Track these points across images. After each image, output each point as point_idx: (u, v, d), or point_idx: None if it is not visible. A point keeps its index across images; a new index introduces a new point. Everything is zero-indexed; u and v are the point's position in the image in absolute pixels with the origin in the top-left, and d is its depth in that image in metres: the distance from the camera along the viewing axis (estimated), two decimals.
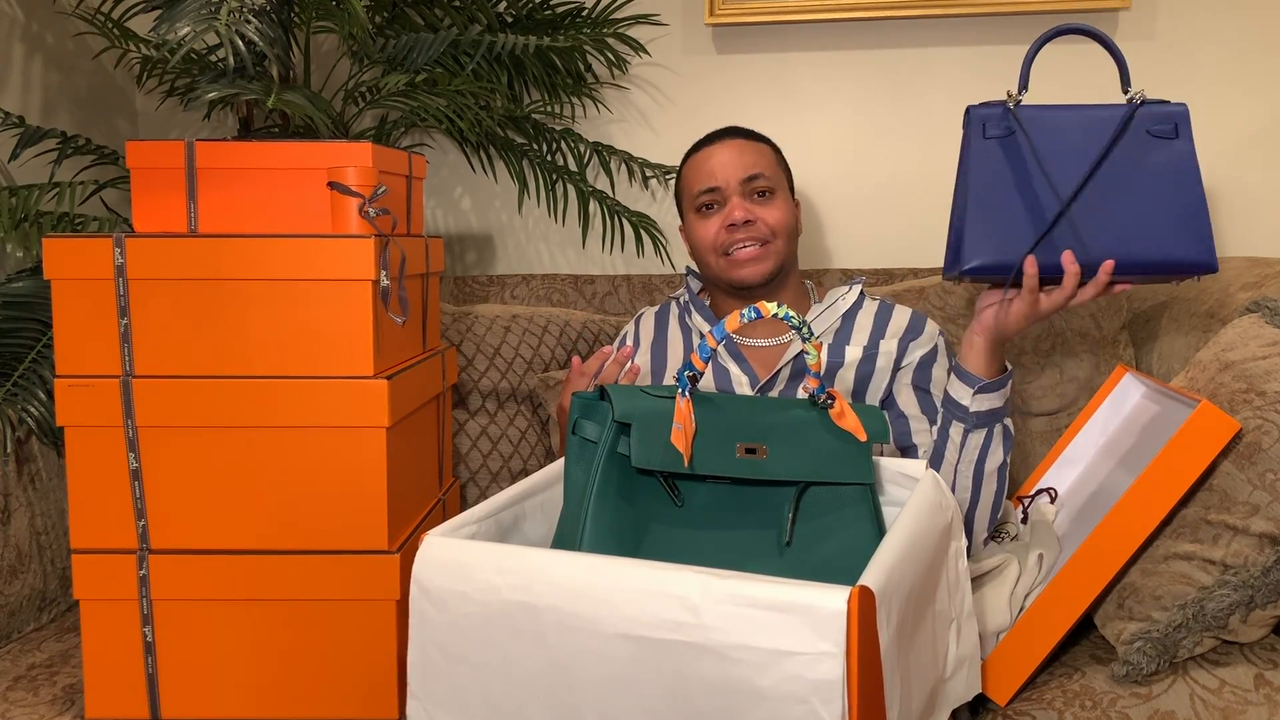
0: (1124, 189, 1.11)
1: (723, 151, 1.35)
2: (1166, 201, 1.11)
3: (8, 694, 1.23)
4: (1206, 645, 1.06)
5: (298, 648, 1.16)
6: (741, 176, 1.33)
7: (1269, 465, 1.02)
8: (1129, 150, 1.13)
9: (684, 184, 1.40)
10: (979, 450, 1.19)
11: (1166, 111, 1.14)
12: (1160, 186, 1.12)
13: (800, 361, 1.31)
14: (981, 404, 1.17)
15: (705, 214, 1.35)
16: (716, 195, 1.34)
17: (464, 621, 0.80)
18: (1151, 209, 1.11)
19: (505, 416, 1.66)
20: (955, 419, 1.20)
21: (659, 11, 1.89)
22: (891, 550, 0.77)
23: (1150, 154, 1.13)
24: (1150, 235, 1.10)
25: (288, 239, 1.11)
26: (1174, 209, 1.11)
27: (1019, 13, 1.76)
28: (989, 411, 1.18)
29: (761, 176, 1.33)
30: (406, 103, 1.60)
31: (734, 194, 1.33)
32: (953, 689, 0.92)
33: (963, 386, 1.18)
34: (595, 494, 0.88)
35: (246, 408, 1.12)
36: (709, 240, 1.34)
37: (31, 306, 1.45)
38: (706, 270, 1.38)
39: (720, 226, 1.33)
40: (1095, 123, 1.13)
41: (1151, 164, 1.12)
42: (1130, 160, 1.12)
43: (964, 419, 1.19)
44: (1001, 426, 1.20)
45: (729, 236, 1.32)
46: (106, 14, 1.67)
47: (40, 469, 1.46)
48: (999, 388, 1.18)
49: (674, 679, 0.72)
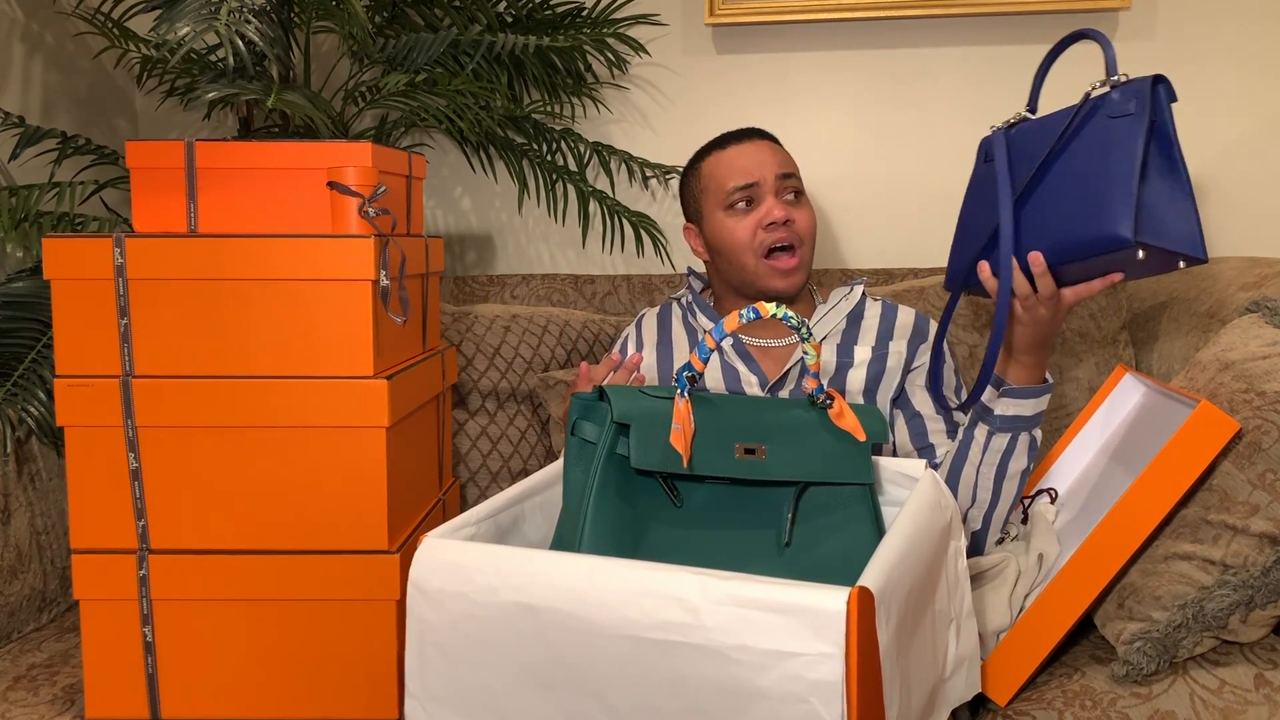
0: (1074, 180, 1.06)
1: (756, 149, 1.33)
2: (1093, 180, 1.04)
3: (8, 694, 1.23)
4: (1206, 645, 1.06)
5: (298, 648, 1.16)
6: (778, 173, 1.31)
7: (1269, 465, 1.02)
8: (1088, 142, 1.07)
9: (709, 181, 1.35)
10: (1001, 454, 1.19)
11: (1132, 88, 1.05)
12: (1094, 167, 1.05)
13: None
14: (1007, 408, 1.17)
15: (739, 212, 1.31)
16: (753, 191, 1.31)
17: (462, 623, 0.80)
18: (1079, 191, 1.05)
19: (505, 416, 1.66)
20: (981, 420, 1.19)
21: (659, 11, 1.89)
22: (890, 550, 0.77)
23: (1104, 138, 1.05)
24: (1070, 217, 1.05)
25: (288, 239, 1.11)
26: (1098, 185, 1.03)
27: (1019, 13, 1.76)
28: (1014, 417, 1.17)
29: (795, 176, 1.33)
30: (406, 103, 1.60)
31: (770, 192, 1.30)
32: (953, 689, 0.92)
33: (991, 389, 1.18)
34: (594, 495, 0.88)
35: (246, 408, 1.12)
36: (744, 239, 1.30)
37: (31, 306, 1.45)
38: (739, 271, 1.33)
39: (758, 225, 1.29)
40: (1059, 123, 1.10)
41: (1099, 147, 1.05)
42: (1087, 151, 1.06)
43: (989, 421, 1.18)
44: (1029, 437, 1.19)
45: (769, 235, 1.29)
46: (106, 14, 1.67)
47: (40, 469, 1.46)
48: (1028, 396, 1.16)
49: (673, 679, 0.72)
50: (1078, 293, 1.10)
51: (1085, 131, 1.08)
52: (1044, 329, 1.13)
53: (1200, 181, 1.80)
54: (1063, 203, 1.07)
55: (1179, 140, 1.05)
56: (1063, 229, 1.06)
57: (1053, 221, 1.07)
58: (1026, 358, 1.16)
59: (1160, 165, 1.05)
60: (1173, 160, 1.05)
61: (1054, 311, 1.11)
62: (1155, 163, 1.04)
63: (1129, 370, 1.31)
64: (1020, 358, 1.16)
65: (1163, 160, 1.05)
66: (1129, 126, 1.04)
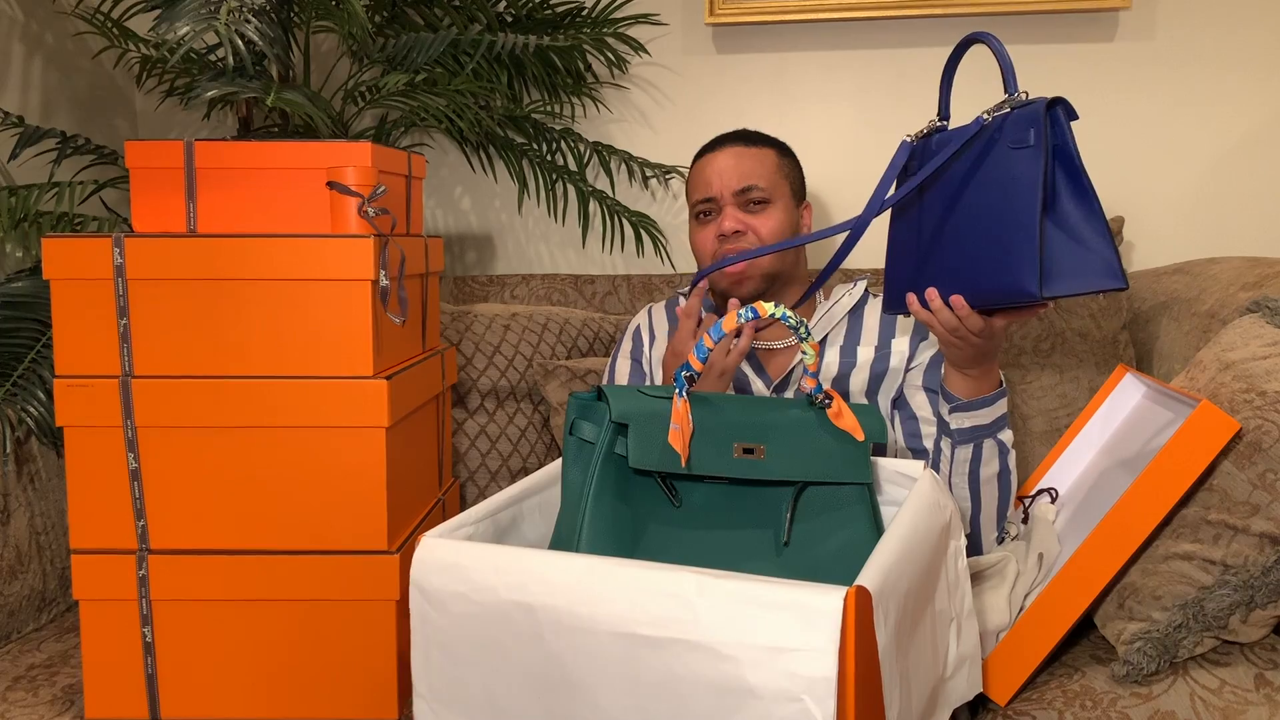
0: (982, 217, 1.04)
1: (721, 160, 1.34)
2: (997, 224, 1.02)
3: (8, 694, 1.23)
4: (1207, 645, 1.06)
5: (298, 648, 1.16)
6: (736, 187, 1.32)
7: (1269, 465, 1.02)
8: (992, 172, 1.04)
9: (688, 187, 1.40)
10: (969, 464, 1.19)
11: (1029, 115, 1.01)
12: (997, 207, 1.03)
13: None
14: (961, 421, 1.17)
15: (702, 221, 1.36)
16: (711, 205, 1.34)
17: (463, 622, 0.80)
18: (986, 234, 1.03)
19: (505, 415, 1.66)
20: (943, 433, 1.21)
21: (659, 11, 1.89)
22: (889, 550, 0.77)
23: (1006, 172, 1.03)
24: (980, 262, 1.04)
25: (287, 239, 1.11)
26: (1003, 231, 1.02)
27: (1019, 13, 1.76)
28: (971, 429, 1.18)
29: (756, 188, 1.32)
30: (406, 102, 1.60)
31: (728, 204, 1.33)
32: (953, 688, 0.92)
33: (943, 402, 1.19)
34: (593, 494, 0.88)
35: (246, 408, 1.12)
36: (705, 248, 1.36)
37: (31, 306, 1.45)
38: None
39: (715, 234, 1.33)
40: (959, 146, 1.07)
41: (1002, 182, 1.03)
42: (990, 184, 1.04)
43: (949, 434, 1.19)
44: (994, 442, 1.18)
45: (719, 246, 1.33)
46: (106, 14, 1.67)
47: (40, 469, 1.46)
48: (980, 407, 1.16)
49: (670, 676, 0.72)
50: (1008, 319, 1.09)
51: (989, 161, 1.05)
52: (982, 349, 1.11)
53: (1200, 181, 1.80)
54: (972, 245, 1.05)
55: (1083, 161, 1.02)
56: (975, 275, 1.05)
57: (965, 265, 1.06)
58: (971, 370, 1.16)
59: (1069, 191, 1.02)
60: (1080, 185, 1.02)
61: (988, 337, 1.10)
62: (1063, 190, 1.02)
63: (1129, 370, 1.30)
64: (965, 371, 1.16)
65: (1070, 185, 1.02)
66: (1028, 161, 1.01)
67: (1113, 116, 1.79)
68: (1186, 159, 1.80)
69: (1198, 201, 1.80)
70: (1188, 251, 1.78)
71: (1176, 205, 1.81)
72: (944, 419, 1.19)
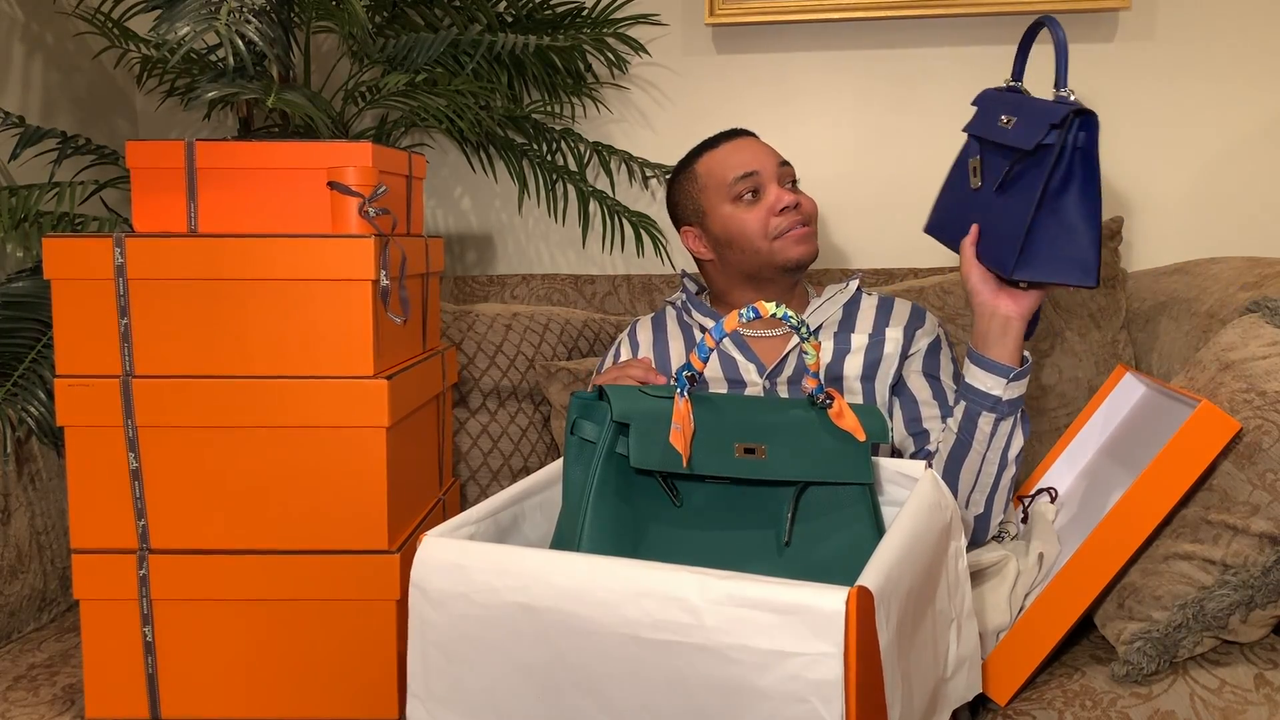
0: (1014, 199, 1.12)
1: (749, 144, 1.37)
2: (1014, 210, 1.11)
3: (8, 694, 1.23)
4: (1206, 645, 1.06)
5: (298, 648, 1.16)
6: (778, 162, 1.35)
7: (1269, 465, 1.02)
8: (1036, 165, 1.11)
9: (708, 179, 1.36)
10: (1007, 438, 1.19)
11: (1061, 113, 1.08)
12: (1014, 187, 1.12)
13: None
14: (1014, 391, 1.18)
15: (746, 203, 1.33)
16: (756, 180, 1.33)
17: (463, 623, 0.80)
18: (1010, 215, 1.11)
19: (506, 415, 1.66)
20: (984, 410, 1.18)
21: (659, 11, 1.89)
22: (890, 550, 0.77)
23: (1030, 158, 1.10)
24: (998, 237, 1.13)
25: (288, 239, 1.11)
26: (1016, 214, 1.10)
27: (1019, 13, 1.76)
28: (1019, 399, 1.19)
29: (790, 166, 1.37)
30: (406, 103, 1.60)
31: (772, 180, 1.33)
32: (954, 689, 0.92)
33: (992, 378, 1.17)
34: (594, 494, 0.88)
35: (246, 408, 1.12)
36: (757, 228, 1.32)
37: (31, 306, 1.45)
38: (752, 257, 1.34)
39: (769, 212, 1.31)
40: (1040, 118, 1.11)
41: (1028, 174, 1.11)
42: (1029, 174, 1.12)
43: (995, 408, 1.18)
44: (1023, 411, 1.21)
45: (782, 220, 1.31)
46: (106, 14, 1.67)
47: (40, 469, 1.46)
48: (1027, 375, 1.18)
49: (673, 679, 0.72)
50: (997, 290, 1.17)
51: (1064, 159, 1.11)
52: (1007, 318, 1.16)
53: (1200, 181, 1.80)
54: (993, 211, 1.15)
55: None
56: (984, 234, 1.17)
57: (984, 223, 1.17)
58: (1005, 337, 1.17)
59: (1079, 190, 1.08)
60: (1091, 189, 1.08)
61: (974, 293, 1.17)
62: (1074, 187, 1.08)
63: (1129, 370, 1.31)
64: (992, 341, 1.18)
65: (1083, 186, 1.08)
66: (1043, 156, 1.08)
67: (1113, 117, 1.79)
68: (1186, 159, 1.80)
69: (1198, 201, 1.80)
70: (1188, 251, 1.78)
71: (1176, 205, 1.81)
72: (993, 394, 1.17)
